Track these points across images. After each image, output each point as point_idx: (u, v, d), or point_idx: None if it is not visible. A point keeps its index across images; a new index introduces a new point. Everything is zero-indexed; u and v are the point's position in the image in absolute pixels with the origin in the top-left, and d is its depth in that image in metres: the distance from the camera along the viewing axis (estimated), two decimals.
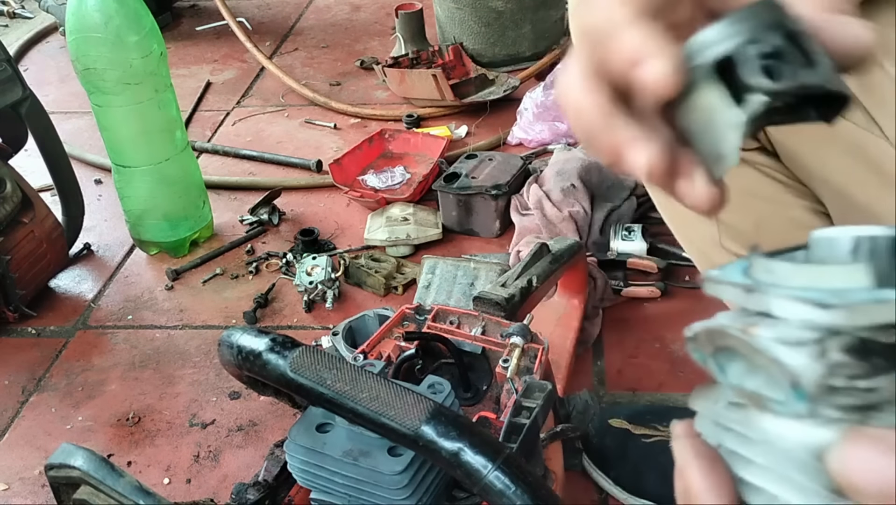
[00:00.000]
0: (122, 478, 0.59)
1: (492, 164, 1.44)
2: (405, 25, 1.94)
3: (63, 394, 1.17)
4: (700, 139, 0.34)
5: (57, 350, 1.25)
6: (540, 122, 1.61)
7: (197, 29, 2.34)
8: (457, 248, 1.39)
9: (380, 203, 1.45)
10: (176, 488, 1.01)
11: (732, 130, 0.32)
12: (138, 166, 1.34)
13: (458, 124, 1.74)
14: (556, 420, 0.85)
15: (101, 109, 1.30)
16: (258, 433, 1.08)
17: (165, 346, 1.24)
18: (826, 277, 0.29)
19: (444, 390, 0.69)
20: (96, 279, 1.40)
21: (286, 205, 1.53)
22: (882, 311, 0.27)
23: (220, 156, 1.73)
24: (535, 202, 1.30)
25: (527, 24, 1.88)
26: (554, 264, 0.98)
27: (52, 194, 1.41)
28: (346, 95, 1.93)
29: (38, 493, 1.02)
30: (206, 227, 1.46)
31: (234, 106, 1.95)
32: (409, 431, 0.57)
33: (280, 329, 1.15)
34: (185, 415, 1.12)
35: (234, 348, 0.64)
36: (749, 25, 0.32)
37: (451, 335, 0.81)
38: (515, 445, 0.65)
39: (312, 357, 0.62)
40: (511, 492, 0.54)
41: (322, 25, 2.34)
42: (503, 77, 1.80)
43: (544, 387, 0.72)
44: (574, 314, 1.10)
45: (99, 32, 1.21)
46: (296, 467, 0.68)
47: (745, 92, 0.32)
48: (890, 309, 0.27)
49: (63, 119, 1.84)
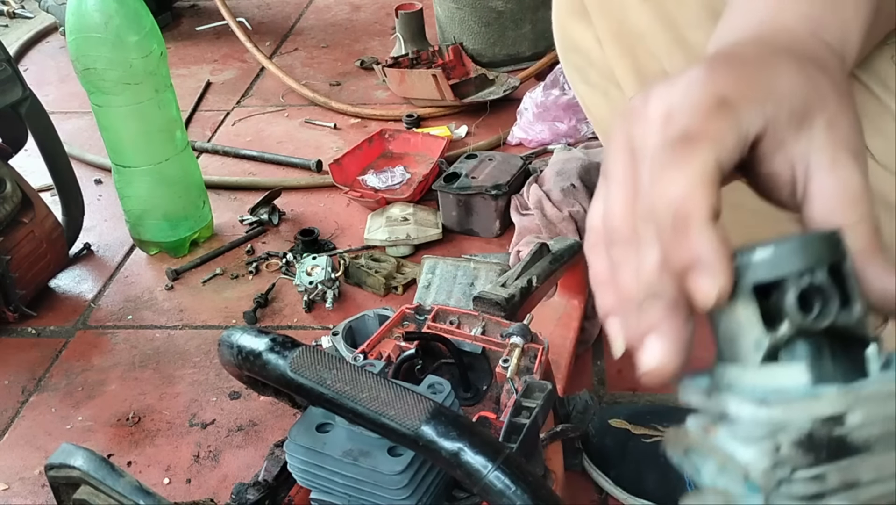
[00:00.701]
0: (122, 478, 0.59)
1: (492, 164, 1.44)
2: (405, 25, 1.94)
3: (63, 394, 1.17)
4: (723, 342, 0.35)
5: (57, 350, 1.25)
6: (540, 122, 1.61)
7: (197, 29, 2.34)
8: (457, 248, 1.39)
9: (380, 203, 1.45)
10: (176, 488, 1.01)
11: (754, 350, 0.34)
12: (138, 166, 1.34)
13: (458, 124, 1.74)
14: (556, 420, 0.85)
15: (101, 109, 1.30)
16: (258, 433, 1.08)
17: (165, 346, 1.24)
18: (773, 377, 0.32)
19: (444, 390, 0.69)
20: (96, 279, 1.40)
21: (286, 205, 1.53)
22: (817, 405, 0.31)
23: (220, 156, 1.73)
24: (535, 202, 1.30)
25: (527, 24, 1.88)
26: (554, 264, 0.98)
27: (52, 194, 1.41)
28: (346, 95, 1.93)
29: (38, 493, 1.02)
30: (206, 227, 1.46)
31: (234, 106, 1.95)
32: (409, 431, 0.57)
33: (280, 329, 1.15)
34: (185, 415, 1.12)
35: (234, 348, 0.64)
36: (804, 257, 0.33)
37: (451, 335, 0.81)
38: (515, 445, 0.65)
39: (312, 357, 0.62)
40: (511, 492, 0.54)
41: (322, 25, 2.34)
42: (503, 77, 1.80)
43: (544, 387, 0.72)
44: (574, 314, 1.10)
45: (99, 32, 1.21)
46: (296, 467, 0.68)
47: (779, 317, 0.33)
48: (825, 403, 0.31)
49: (63, 119, 1.84)
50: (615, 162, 0.39)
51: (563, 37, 0.79)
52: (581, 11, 0.74)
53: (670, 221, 0.34)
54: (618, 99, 0.75)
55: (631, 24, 0.69)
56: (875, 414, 0.31)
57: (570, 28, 0.77)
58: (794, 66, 0.39)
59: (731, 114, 0.36)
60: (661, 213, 0.35)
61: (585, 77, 0.79)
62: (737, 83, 0.37)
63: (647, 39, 0.68)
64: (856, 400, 0.31)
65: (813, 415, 0.31)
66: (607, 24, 0.72)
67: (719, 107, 0.36)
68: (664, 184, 0.35)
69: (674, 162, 0.35)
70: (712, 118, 0.36)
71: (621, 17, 0.70)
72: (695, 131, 0.35)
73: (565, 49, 0.80)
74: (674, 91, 0.38)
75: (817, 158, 0.37)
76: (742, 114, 0.36)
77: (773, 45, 0.42)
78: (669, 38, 0.67)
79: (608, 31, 0.72)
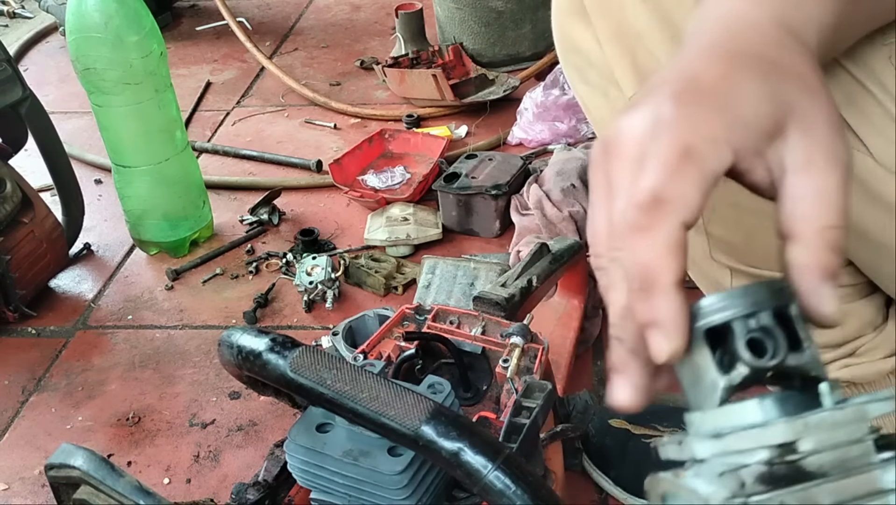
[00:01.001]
0: (122, 478, 0.59)
1: (492, 164, 1.44)
2: (405, 25, 1.94)
3: (63, 394, 1.17)
4: (687, 388, 0.38)
5: (57, 350, 1.25)
6: (540, 122, 1.61)
7: (197, 29, 2.34)
8: (457, 248, 1.39)
9: (380, 203, 1.45)
10: (176, 488, 1.01)
11: (713, 391, 0.36)
12: (138, 166, 1.34)
13: (458, 124, 1.74)
14: (556, 420, 0.85)
15: (101, 109, 1.30)
16: (258, 433, 1.08)
17: (165, 346, 1.24)
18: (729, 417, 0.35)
19: (444, 390, 0.69)
20: (96, 279, 1.40)
21: (286, 205, 1.53)
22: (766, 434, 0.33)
23: (220, 156, 1.73)
24: (535, 202, 1.30)
25: (527, 24, 1.88)
26: (554, 264, 0.98)
27: (52, 194, 1.41)
28: (346, 95, 1.93)
29: (38, 493, 1.02)
30: (206, 227, 1.46)
31: (234, 106, 1.95)
32: (409, 431, 0.57)
33: (280, 329, 1.15)
34: (185, 415, 1.12)
35: (234, 348, 0.64)
36: (745, 301, 0.36)
37: (451, 335, 0.81)
38: (515, 445, 0.65)
39: (312, 357, 0.62)
40: (511, 492, 0.54)
41: (322, 25, 2.34)
42: (503, 77, 1.80)
43: (544, 387, 0.72)
44: (574, 314, 1.10)
45: (99, 32, 1.21)
46: (296, 467, 0.68)
47: (734, 360, 0.36)
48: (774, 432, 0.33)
49: (63, 119, 1.84)
50: (595, 194, 0.42)
51: (562, 37, 0.79)
52: (580, 12, 0.74)
53: (637, 282, 0.37)
54: (617, 99, 0.75)
55: (630, 24, 0.69)
56: (826, 441, 0.34)
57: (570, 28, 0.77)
58: (759, 80, 0.40)
59: (697, 166, 0.38)
60: (629, 271, 0.38)
61: (585, 77, 0.79)
62: (702, 123, 0.39)
63: (646, 39, 0.68)
64: (804, 428, 0.33)
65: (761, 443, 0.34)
66: (606, 24, 0.72)
67: (685, 159, 0.38)
68: (633, 246, 0.38)
69: (642, 227, 0.37)
70: (678, 177, 0.37)
71: (620, 17, 0.70)
72: (661, 195, 0.37)
73: (565, 49, 0.80)
74: (643, 126, 0.40)
75: (791, 160, 0.39)
76: (708, 160, 0.38)
77: (738, 49, 0.43)
78: (668, 38, 0.67)
79: (607, 31, 0.72)
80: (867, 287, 0.76)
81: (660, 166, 0.38)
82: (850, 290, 0.76)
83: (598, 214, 0.42)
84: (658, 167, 0.38)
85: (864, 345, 0.79)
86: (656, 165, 0.38)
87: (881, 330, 0.79)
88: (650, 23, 0.67)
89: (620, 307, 0.39)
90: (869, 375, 0.80)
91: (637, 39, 0.69)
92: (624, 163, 0.40)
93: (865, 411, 0.34)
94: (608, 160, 0.41)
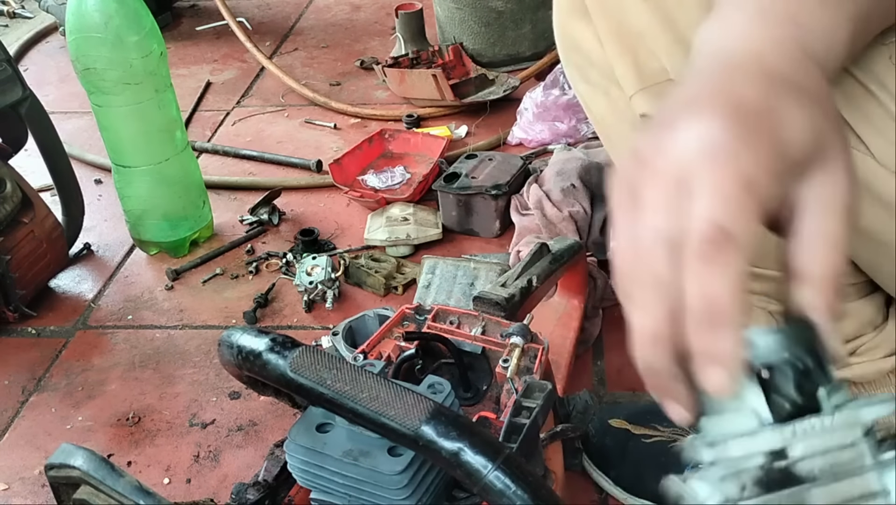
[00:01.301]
0: (122, 478, 0.59)
1: (492, 164, 1.44)
2: (405, 25, 1.94)
3: (63, 394, 1.17)
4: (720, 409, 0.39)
5: (57, 350, 1.25)
6: (540, 122, 1.61)
7: (197, 29, 2.34)
8: (457, 248, 1.39)
9: (380, 203, 1.45)
10: (176, 488, 1.01)
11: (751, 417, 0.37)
12: (138, 166, 1.34)
13: (458, 124, 1.74)
14: (556, 420, 0.85)
15: (101, 109, 1.30)
16: (258, 433, 1.08)
17: (165, 346, 1.24)
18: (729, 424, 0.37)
19: (444, 390, 0.69)
20: (96, 279, 1.40)
21: (286, 205, 1.53)
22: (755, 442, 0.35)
23: (220, 156, 1.73)
24: (535, 202, 1.30)
25: (527, 24, 1.88)
26: (554, 264, 0.98)
27: (52, 194, 1.41)
28: (346, 95, 1.93)
29: (38, 493, 1.02)
30: (206, 227, 1.46)
31: (234, 106, 1.95)
32: (409, 431, 0.57)
33: (280, 329, 1.15)
34: (185, 415, 1.12)
35: (234, 348, 0.64)
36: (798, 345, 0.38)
37: (451, 335, 0.81)
38: (515, 445, 0.65)
39: (312, 357, 0.62)
40: (511, 492, 0.54)
41: (322, 25, 2.34)
42: (503, 77, 1.80)
43: (544, 387, 0.72)
44: (574, 314, 1.10)
45: (99, 32, 1.21)
46: (296, 467, 0.68)
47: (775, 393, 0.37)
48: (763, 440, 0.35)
49: (63, 119, 1.84)
50: (619, 207, 0.42)
51: (563, 36, 0.79)
52: (582, 11, 0.74)
53: (700, 314, 0.37)
54: (618, 98, 0.75)
55: (631, 23, 0.69)
56: (816, 447, 0.35)
57: (571, 27, 0.77)
58: (799, 108, 0.40)
59: (756, 198, 0.37)
60: (692, 302, 0.37)
61: (586, 76, 0.79)
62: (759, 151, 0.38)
63: (647, 38, 0.68)
64: (793, 435, 0.35)
65: (752, 450, 0.35)
66: (607, 23, 0.72)
67: (747, 191, 0.37)
68: (703, 278, 0.37)
69: (709, 259, 0.37)
70: (741, 209, 0.37)
71: (621, 16, 0.70)
72: (727, 227, 0.37)
73: (566, 48, 0.80)
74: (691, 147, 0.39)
75: (809, 200, 0.39)
76: (765, 192, 0.38)
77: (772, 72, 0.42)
78: (669, 38, 0.67)
79: (608, 30, 0.72)
80: (867, 286, 0.76)
81: (725, 199, 0.37)
82: (850, 289, 0.76)
83: (622, 229, 0.41)
84: (721, 198, 0.37)
85: (863, 344, 0.79)
86: (721, 198, 0.37)
87: (881, 329, 0.79)
88: (651, 22, 0.67)
89: (652, 333, 0.38)
90: (869, 375, 0.80)
91: (638, 38, 0.69)
92: (662, 181, 0.39)
93: (858, 416, 0.36)
94: (641, 174, 0.40)
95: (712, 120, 0.39)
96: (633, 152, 0.42)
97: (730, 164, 0.38)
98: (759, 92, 0.41)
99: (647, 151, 0.41)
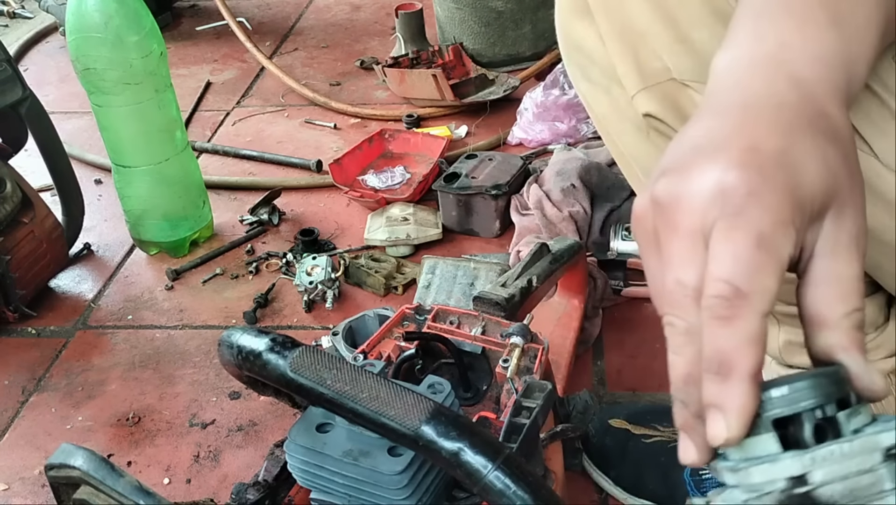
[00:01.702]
0: (122, 478, 0.59)
1: (492, 164, 1.44)
2: (405, 25, 1.94)
3: (63, 394, 1.17)
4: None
5: (57, 350, 1.25)
6: (540, 122, 1.61)
7: (197, 29, 2.34)
8: (457, 248, 1.39)
9: (380, 203, 1.45)
10: (176, 488, 1.01)
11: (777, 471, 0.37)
12: (138, 166, 1.34)
13: (458, 124, 1.74)
14: (556, 420, 0.85)
15: (101, 109, 1.30)
16: (258, 433, 1.08)
17: (165, 346, 1.24)
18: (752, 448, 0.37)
19: (444, 390, 0.69)
20: (96, 279, 1.40)
21: (286, 205, 1.53)
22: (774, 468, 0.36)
23: (220, 156, 1.73)
24: (535, 202, 1.30)
25: (527, 24, 1.88)
26: (554, 264, 0.98)
27: (52, 194, 1.41)
28: (346, 95, 1.93)
29: (38, 493, 1.02)
30: (206, 227, 1.46)
31: (234, 106, 1.95)
32: (409, 431, 0.57)
33: (280, 329, 1.15)
34: (185, 415, 1.12)
35: (234, 348, 0.64)
36: (816, 394, 0.37)
37: (451, 335, 0.81)
38: (515, 445, 0.65)
39: (312, 357, 0.61)
40: (511, 492, 0.54)
41: (322, 25, 2.34)
42: (503, 77, 1.80)
43: (544, 387, 0.72)
44: (574, 314, 1.10)
45: (99, 32, 1.21)
46: (296, 467, 0.68)
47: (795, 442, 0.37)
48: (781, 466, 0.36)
49: (63, 119, 1.84)
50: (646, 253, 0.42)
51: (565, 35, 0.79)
52: (584, 10, 0.74)
53: (714, 366, 0.37)
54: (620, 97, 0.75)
55: (633, 22, 0.69)
56: (836, 473, 0.35)
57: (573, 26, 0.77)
58: (816, 156, 0.40)
59: (772, 256, 0.38)
60: (707, 355, 0.38)
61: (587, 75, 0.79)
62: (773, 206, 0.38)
63: (649, 38, 0.68)
64: (812, 462, 0.35)
65: (772, 476, 0.36)
66: (609, 22, 0.72)
67: (762, 249, 0.38)
68: (713, 333, 0.38)
69: (723, 317, 0.37)
70: (756, 268, 0.37)
71: (623, 15, 0.70)
72: (741, 287, 0.37)
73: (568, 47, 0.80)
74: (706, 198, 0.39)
75: (822, 246, 0.40)
76: (781, 247, 0.38)
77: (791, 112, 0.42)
78: (671, 37, 0.67)
79: (610, 29, 0.72)
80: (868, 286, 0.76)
81: (736, 258, 0.38)
82: None
83: (652, 274, 0.42)
84: (734, 258, 0.38)
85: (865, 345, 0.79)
86: (732, 256, 0.38)
87: (882, 330, 0.79)
88: (653, 20, 0.67)
89: (684, 374, 0.39)
90: None
91: (640, 37, 0.69)
92: (682, 234, 0.40)
93: (877, 442, 0.36)
94: (662, 224, 0.41)
95: (727, 171, 0.39)
96: (652, 198, 0.42)
97: (743, 221, 0.38)
98: (776, 139, 0.40)
99: (665, 199, 0.41)
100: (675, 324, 0.39)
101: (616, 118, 0.77)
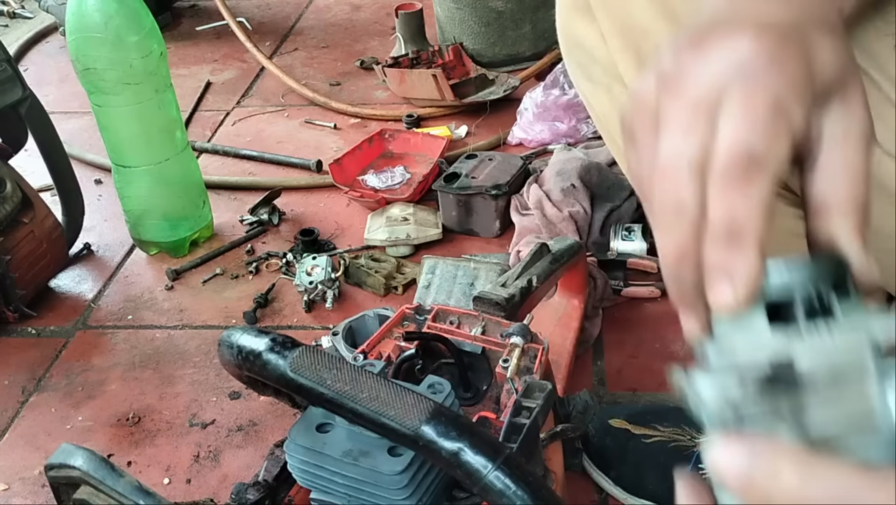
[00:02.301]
0: (122, 478, 0.59)
1: (492, 164, 1.44)
2: (405, 25, 1.94)
3: (63, 394, 1.17)
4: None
5: (57, 350, 1.25)
6: (540, 122, 1.61)
7: (197, 29, 2.34)
8: (457, 248, 1.39)
9: (380, 203, 1.45)
10: (176, 488, 1.01)
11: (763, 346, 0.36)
12: (138, 166, 1.34)
13: (458, 124, 1.74)
14: (556, 420, 0.85)
15: (101, 109, 1.30)
16: (258, 433, 1.08)
17: (165, 346, 1.24)
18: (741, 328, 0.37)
19: (444, 390, 0.69)
20: (96, 279, 1.40)
21: (286, 205, 1.53)
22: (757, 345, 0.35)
23: (220, 156, 1.73)
24: (535, 202, 1.30)
25: (527, 24, 1.88)
26: (554, 264, 0.98)
27: (52, 194, 1.41)
28: (346, 95, 1.93)
29: (38, 493, 1.02)
30: (206, 227, 1.46)
31: (234, 106, 1.94)
32: (409, 431, 0.57)
33: (280, 329, 1.15)
34: (185, 415, 1.12)
35: (234, 348, 0.64)
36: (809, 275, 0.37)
37: (451, 335, 0.81)
38: (515, 445, 0.65)
39: (312, 357, 0.62)
40: (511, 492, 0.54)
41: (322, 25, 2.34)
42: (503, 77, 1.80)
43: (544, 387, 0.72)
44: (574, 314, 1.10)
45: (99, 32, 1.21)
46: (296, 467, 0.68)
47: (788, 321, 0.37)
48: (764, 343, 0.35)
49: (63, 119, 1.84)
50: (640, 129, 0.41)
51: (566, 33, 0.79)
52: (585, 8, 0.74)
53: (722, 233, 0.37)
54: (621, 95, 0.75)
55: (635, 19, 0.69)
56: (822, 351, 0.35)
57: (574, 24, 0.77)
58: (827, 35, 0.40)
59: (787, 123, 0.37)
60: (714, 221, 0.37)
61: (588, 74, 0.79)
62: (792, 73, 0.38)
63: (651, 35, 0.68)
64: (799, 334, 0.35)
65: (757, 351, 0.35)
66: (611, 19, 0.72)
67: (776, 115, 0.37)
68: (727, 199, 0.37)
69: (736, 181, 0.37)
70: (772, 133, 0.37)
71: (625, 13, 0.70)
72: (756, 152, 0.37)
73: (569, 46, 0.80)
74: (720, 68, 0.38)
75: (830, 133, 0.39)
76: (796, 114, 0.37)
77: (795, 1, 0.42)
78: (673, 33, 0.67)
79: (612, 27, 0.72)
80: None
81: (753, 123, 0.37)
82: None
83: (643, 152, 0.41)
84: (752, 123, 0.37)
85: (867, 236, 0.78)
86: (750, 122, 0.37)
87: None
88: (655, 18, 0.67)
89: (677, 252, 0.39)
90: None
91: (642, 35, 0.69)
92: (689, 101, 0.39)
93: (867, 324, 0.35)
94: (665, 94, 0.40)
95: (743, 40, 0.39)
96: (657, 73, 0.41)
97: (761, 86, 0.37)
98: (788, 14, 0.40)
99: (672, 72, 0.40)
100: (666, 202, 0.39)
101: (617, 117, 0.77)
